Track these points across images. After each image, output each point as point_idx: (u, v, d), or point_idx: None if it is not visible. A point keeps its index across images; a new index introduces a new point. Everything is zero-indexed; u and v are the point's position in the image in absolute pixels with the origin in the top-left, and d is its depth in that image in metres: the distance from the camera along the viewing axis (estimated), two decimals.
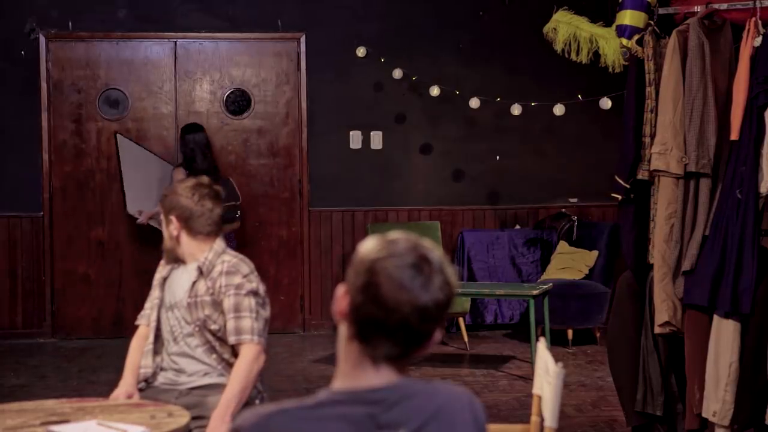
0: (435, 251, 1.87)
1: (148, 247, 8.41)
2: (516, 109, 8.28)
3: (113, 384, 3.91)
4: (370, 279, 1.82)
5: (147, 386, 3.82)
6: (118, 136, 8.28)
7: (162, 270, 3.92)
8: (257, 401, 3.78)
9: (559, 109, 8.10)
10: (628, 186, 4.94)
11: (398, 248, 1.85)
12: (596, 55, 5.40)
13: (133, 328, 4.03)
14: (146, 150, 8.39)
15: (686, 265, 4.71)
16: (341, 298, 1.87)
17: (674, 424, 5.00)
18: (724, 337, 4.62)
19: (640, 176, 4.92)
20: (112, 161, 8.64)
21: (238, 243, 8.03)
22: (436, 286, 1.84)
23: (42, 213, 8.52)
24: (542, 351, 2.99)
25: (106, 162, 8.64)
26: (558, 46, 5.49)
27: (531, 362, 7.01)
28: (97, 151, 8.65)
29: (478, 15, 8.86)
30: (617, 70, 5.28)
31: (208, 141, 8.16)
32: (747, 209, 4.56)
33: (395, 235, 1.88)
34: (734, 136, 4.64)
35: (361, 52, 8.55)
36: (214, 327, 3.74)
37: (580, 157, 8.99)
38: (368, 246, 1.87)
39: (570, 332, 7.91)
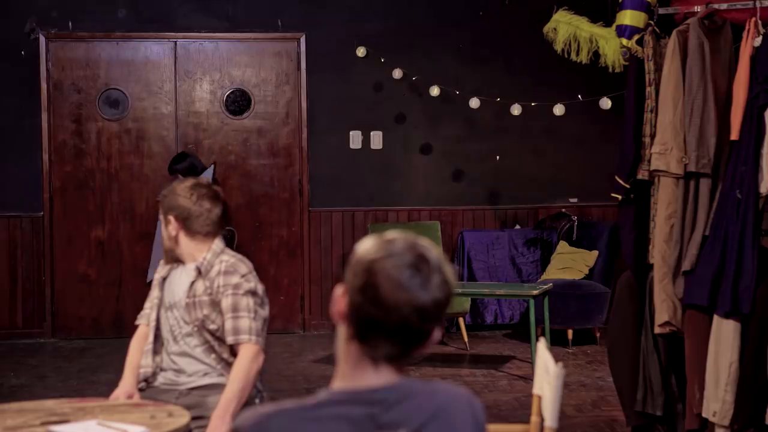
0: (433, 250, 1.87)
1: (148, 247, 8.41)
2: (516, 109, 8.28)
3: (113, 384, 3.91)
4: (369, 279, 1.82)
5: (147, 386, 3.82)
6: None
7: (161, 270, 3.92)
8: (257, 401, 3.78)
9: (559, 109, 8.10)
10: (628, 186, 4.94)
11: (396, 248, 1.85)
12: (596, 55, 5.39)
13: (133, 328, 4.03)
14: None
15: (686, 265, 4.71)
16: (340, 298, 1.87)
17: (674, 424, 5.00)
18: (724, 337, 4.62)
19: (640, 176, 4.92)
20: (112, 161, 8.65)
21: (238, 243, 8.02)
22: (435, 285, 1.84)
23: (42, 213, 8.52)
24: (542, 351, 2.99)
25: (106, 162, 8.64)
26: (558, 46, 5.48)
27: (531, 362, 7.01)
28: (97, 151, 8.65)
29: (478, 15, 8.86)
30: (617, 70, 5.27)
31: (193, 166, 8.02)
32: (747, 209, 4.56)
33: (392, 234, 1.88)
34: (734, 136, 4.64)
35: (361, 52, 8.55)
36: (212, 327, 3.74)
37: (580, 157, 8.99)
38: (366, 246, 1.87)
39: (570, 332, 7.91)
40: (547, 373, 2.90)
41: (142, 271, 8.36)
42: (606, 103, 7.86)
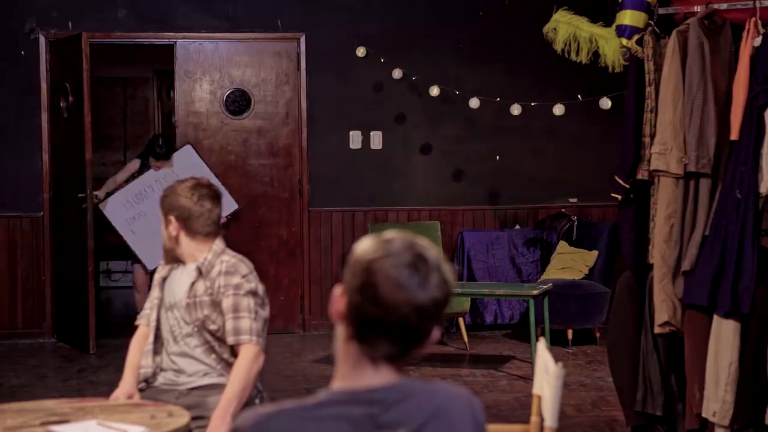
0: (431, 249, 1.87)
1: None
2: (516, 109, 8.28)
3: (113, 384, 3.91)
4: (368, 279, 1.82)
5: (147, 386, 3.82)
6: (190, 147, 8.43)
7: (161, 270, 3.92)
8: (257, 401, 3.78)
9: (559, 109, 8.10)
10: (628, 186, 4.94)
11: (394, 247, 1.85)
12: (596, 55, 5.39)
13: (134, 328, 4.03)
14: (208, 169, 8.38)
15: (686, 265, 4.71)
16: (338, 299, 1.87)
17: (674, 424, 5.00)
18: (724, 337, 4.62)
19: (640, 176, 4.92)
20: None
21: (237, 243, 8.01)
22: (434, 284, 1.84)
23: (42, 213, 8.51)
24: (542, 351, 2.99)
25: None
26: (558, 46, 5.48)
27: (531, 362, 7.01)
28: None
29: (478, 15, 8.86)
30: (617, 70, 5.27)
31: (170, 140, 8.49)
32: (747, 209, 4.57)
33: (391, 234, 1.89)
34: (734, 136, 4.64)
35: (361, 52, 8.55)
36: (212, 327, 3.74)
37: (580, 157, 8.99)
38: (364, 246, 1.87)
39: (570, 332, 7.91)
40: (547, 373, 2.90)
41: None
42: (606, 103, 7.85)
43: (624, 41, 5.00)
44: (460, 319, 8.04)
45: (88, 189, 7.86)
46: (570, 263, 8.23)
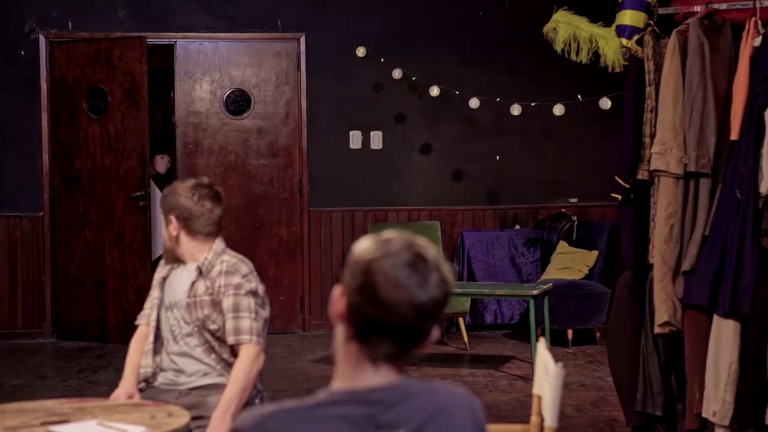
0: (430, 249, 1.87)
1: None
2: (516, 109, 8.28)
3: (113, 384, 3.91)
4: (367, 279, 1.82)
5: (147, 386, 3.82)
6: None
7: (161, 270, 3.92)
8: (257, 401, 3.78)
9: (558, 109, 8.10)
10: (627, 186, 4.94)
11: (393, 247, 1.85)
12: (596, 55, 5.39)
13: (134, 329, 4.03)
14: None
15: (686, 265, 4.71)
16: (338, 299, 1.87)
17: (674, 424, 5.00)
18: (724, 337, 4.62)
19: (640, 176, 4.92)
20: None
21: (237, 243, 8.02)
22: (433, 283, 1.84)
23: (42, 213, 8.51)
24: (542, 351, 2.99)
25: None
26: (558, 46, 5.48)
27: (531, 362, 7.01)
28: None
29: (478, 15, 8.86)
30: (617, 70, 5.27)
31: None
32: (747, 209, 4.57)
33: (390, 234, 1.89)
34: (734, 136, 4.64)
35: (361, 52, 8.55)
36: (213, 327, 3.74)
37: (580, 157, 8.99)
38: (363, 246, 1.87)
39: (570, 332, 7.91)
40: (547, 373, 2.90)
41: None
42: (606, 103, 7.86)
43: (624, 41, 5.00)
44: (460, 319, 8.04)
45: (147, 187, 8.23)
46: (570, 263, 8.23)
